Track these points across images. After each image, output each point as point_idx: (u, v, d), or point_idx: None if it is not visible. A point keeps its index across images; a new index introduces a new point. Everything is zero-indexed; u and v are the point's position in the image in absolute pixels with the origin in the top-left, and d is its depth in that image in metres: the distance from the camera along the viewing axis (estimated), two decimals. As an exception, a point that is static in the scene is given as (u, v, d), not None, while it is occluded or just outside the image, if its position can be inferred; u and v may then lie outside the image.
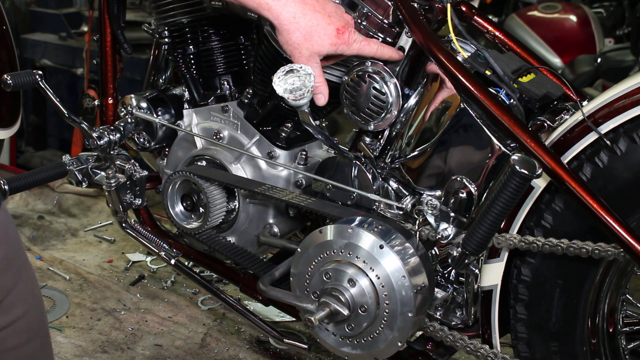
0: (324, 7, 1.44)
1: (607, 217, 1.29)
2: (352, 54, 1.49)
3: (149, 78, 2.05)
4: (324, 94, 1.50)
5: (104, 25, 1.96)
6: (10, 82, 1.73)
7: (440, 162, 1.53)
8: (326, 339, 1.51)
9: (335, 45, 1.45)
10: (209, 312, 2.34)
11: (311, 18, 1.43)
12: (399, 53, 1.52)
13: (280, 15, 1.42)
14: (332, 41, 1.44)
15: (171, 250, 1.93)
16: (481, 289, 1.48)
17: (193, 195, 1.78)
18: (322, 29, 1.43)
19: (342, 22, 1.46)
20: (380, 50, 1.50)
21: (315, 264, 1.47)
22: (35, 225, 2.87)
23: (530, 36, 4.18)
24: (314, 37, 1.43)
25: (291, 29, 1.43)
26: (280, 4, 1.42)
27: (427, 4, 1.51)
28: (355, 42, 1.47)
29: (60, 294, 2.40)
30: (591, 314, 1.43)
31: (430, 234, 1.45)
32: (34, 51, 4.20)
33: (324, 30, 1.43)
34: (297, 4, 1.42)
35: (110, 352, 2.11)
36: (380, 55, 1.50)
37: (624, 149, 1.32)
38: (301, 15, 1.43)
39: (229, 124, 1.79)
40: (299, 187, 1.71)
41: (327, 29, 1.44)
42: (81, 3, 4.57)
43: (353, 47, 1.47)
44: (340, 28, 1.45)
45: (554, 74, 1.56)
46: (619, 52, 3.91)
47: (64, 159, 1.88)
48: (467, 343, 1.48)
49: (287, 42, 1.45)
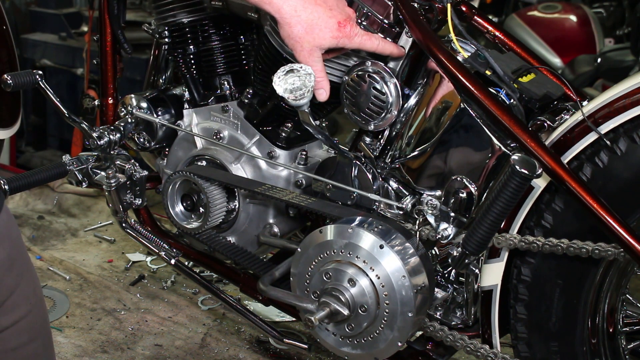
0: (325, 1, 1.44)
1: (607, 217, 1.29)
2: (354, 47, 1.49)
3: (149, 78, 2.05)
4: (325, 90, 1.49)
5: (104, 25, 1.96)
6: (10, 82, 1.73)
7: (441, 162, 1.53)
8: (326, 339, 1.51)
9: (337, 39, 1.45)
10: (209, 312, 2.34)
11: (312, 11, 1.43)
12: (400, 49, 1.52)
13: (282, 8, 1.42)
14: (334, 34, 1.44)
15: (171, 250, 1.93)
16: (481, 289, 1.48)
17: (193, 195, 1.78)
18: (324, 22, 1.43)
19: (344, 15, 1.45)
20: (382, 45, 1.50)
21: (315, 263, 1.47)
22: (35, 225, 2.87)
23: (530, 36, 4.18)
24: (315, 30, 1.43)
25: (292, 22, 1.43)
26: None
27: (427, 4, 1.51)
28: (357, 35, 1.47)
29: (60, 294, 2.40)
30: (591, 314, 1.43)
31: (430, 234, 1.45)
32: (34, 51, 4.20)
33: (325, 23, 1.43)
34: None
35: (110, 352, 2.11)
36: (382, 50, 1.50)
37: (624, 149, 1.32)
38: (302, 8, 1.42)
39: (229, 124, 1.79)
40: (299, 187, 1.71)
41: (329, 22, 1.43)
42: (81, 3, 4.57)
43: (355, 41, 1.47)
44: (341, 21, 1.44)
45: (554, 74, 1.56)
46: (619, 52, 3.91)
47: (64, 159, 1.88)
48: (467, 343, 1.48)
49: (288, 36, 1.45)
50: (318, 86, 1.48)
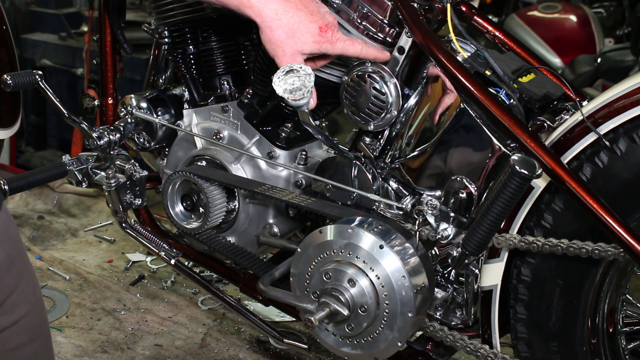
0: (306, 6, 1.44)
1: (607, 217, 1.29)
2: (336, 53, 1.48)
3: (149, 78, 2.05)
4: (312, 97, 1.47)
5: (104, 25, 1.96)
6: (10, 82, 1.73)
7: (440, 162, 1.53)
8: (326, 339, 1.51)
9: (319, 44, 1.44)
10: (209, 312, 2.34)
11: (293, 15, 1.42)
12: (385, 53, 1.52)
13: (262, 12, 1.42)
14: (315, 39, 1.44)
15: (171, 250, 1.93)
16: (481, 289, 1.48)
17: (193, 195, 1.78)
18: (305, 26, 1.43)
19: (325, 21, 1.45)
20: (365, 50, 1.49)
21: (315, 264, 1.47)
22: (35, 225, 2.87)
23: (530, 36, 4.18)
24: (296, 34, 1.42)
25: (273, 25, 1.42)
26: (262, 1, 1.41)
27: (427, 4, 1.51)
28: (339, 40, 1.46)
29: (60, 294, 2.40)
30: (591, 314, 1.43)
31: (430, 234, 1.45)
32: (34, 51, 4.20)
33: (307, 28, 1.43)
34: (279, 1, 1.42)
35: (110, 352, 2.11)
36: (365, 55, 1.50)
37: (624, 149, 1.32)
38: (283, 12, 1.42)
39: (229, 124, 1.79)
40: (299, 187, 1.71)
41: (310, 27, 1.43)
42: (81, 3, 4.56)
43: (337, 46, 1.46)
44: (322, 26, 1.44)
45: (554, 74, 1.56)
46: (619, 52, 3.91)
47: (64, 159, 1.88)
48: (467, 343, 1.48)
49: (269, 40, 1.44)
50: None
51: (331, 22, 1.47)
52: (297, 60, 1.44)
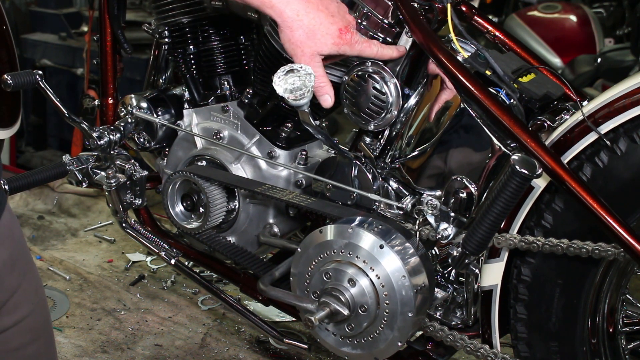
0: (327, 7, 1.44)
1: (607, 217, 1.29)
2: (354, 54, 1.48)
3: (149, 78, 2.05)
4: (330, 95, 1.48)
5: (104, 25, 1.96)
6: (10, 82, 1.73)
7: (441, 162, 1.53)
8: (326, 339, 1.51)
9: (338, 45, 1.44)
10: (209, 312, 2.34)
11: (314, 17, 1.42)
12: (400, 50, 1.51)
13: (284, 12, 1.42)
14: (335, 41, 1.44)
15: (171, 250, 1.93)
16: (481, 289, 1.48)
17: (193, 195, 1.78)
18: (325, 28, 1.42)
19: (345, 22, 1.45)
20: (381, 51, 1.49)
21: (315, 263, 1.47)
22: (35, 225, 2.87)
23: (530, 36, 4.18)
24: (316, 35, 1.42)
25: (294, 26, 1.42)
26: (284, 1, 1.41)
27: (427, 4, 1.51)
28: (357, 43, 1.46)
29: (60, 294, 2.40)
30: (591, 314, 1.43)
31: (430, 234, 1.45)
32: (34, 51, 4.20)
33: (327, 30, 1.43)
34: (300, 1, 1.41)
35: (110, 352, 2.11)
36: (381, 56, 1.50)
37: (624, 149, 1.32)
38: (304, 13, 1.42)
39: (229, 124, 1.79)
40: (299, 187, 1.71)
41: (330, 29, 1.43)
42: (81, 3, 4.56)
43: (355, 48, 1.46)
44: (342, 28, 1.44)
45: (554, 74, 1.56)
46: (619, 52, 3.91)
47: (64, 159, 1.88)
48: (467, 343, 1.48)
49: (289, 40, 1.44)
50: (322, 92, 1.47)
51: (351, 23, 1.47)
52: (315, 61, 1.44)
